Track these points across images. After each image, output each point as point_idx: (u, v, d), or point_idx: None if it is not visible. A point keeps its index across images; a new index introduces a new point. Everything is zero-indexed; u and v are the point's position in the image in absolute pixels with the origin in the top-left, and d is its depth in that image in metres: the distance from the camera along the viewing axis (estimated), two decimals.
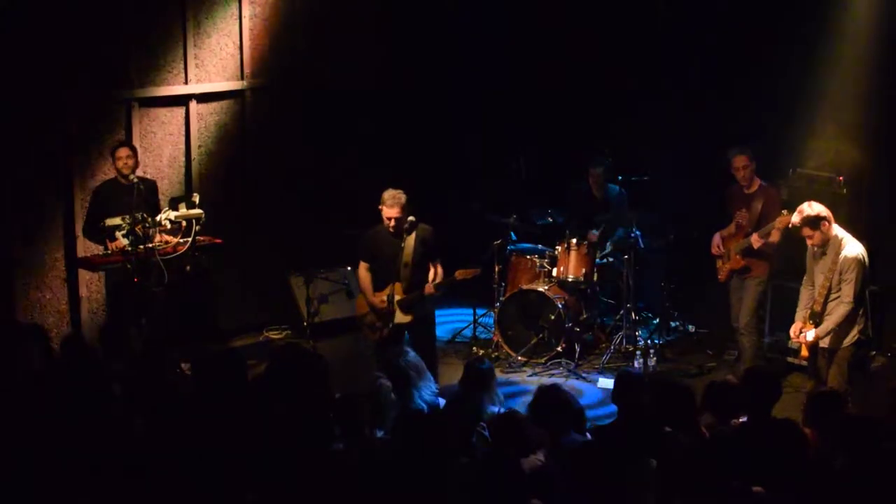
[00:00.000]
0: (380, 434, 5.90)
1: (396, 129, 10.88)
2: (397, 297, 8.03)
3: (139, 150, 9.04)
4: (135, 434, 5.41)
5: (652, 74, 10.60)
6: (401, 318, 8.08)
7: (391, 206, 7.96)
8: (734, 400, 5.83)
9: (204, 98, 9.84)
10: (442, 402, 6.61)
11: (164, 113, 9.63)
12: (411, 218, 7.99)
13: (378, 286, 8.17)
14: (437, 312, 8.92)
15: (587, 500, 4.82)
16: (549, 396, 5.76)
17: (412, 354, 6.67)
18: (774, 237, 8.53)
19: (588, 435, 5.82)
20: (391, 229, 8.01)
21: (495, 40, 11.09)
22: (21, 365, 6.00)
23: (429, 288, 8.08)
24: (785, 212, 8.30)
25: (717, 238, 8.98)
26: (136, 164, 8.76)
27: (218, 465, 5.09)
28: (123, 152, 8.67)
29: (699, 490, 4.77)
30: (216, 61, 9.87)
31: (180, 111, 9.73)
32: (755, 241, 8.60)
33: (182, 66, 9.66)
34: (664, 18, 10.58)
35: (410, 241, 8.04)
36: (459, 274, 8.17)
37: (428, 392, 6.49)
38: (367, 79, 10.74)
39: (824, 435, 5.48)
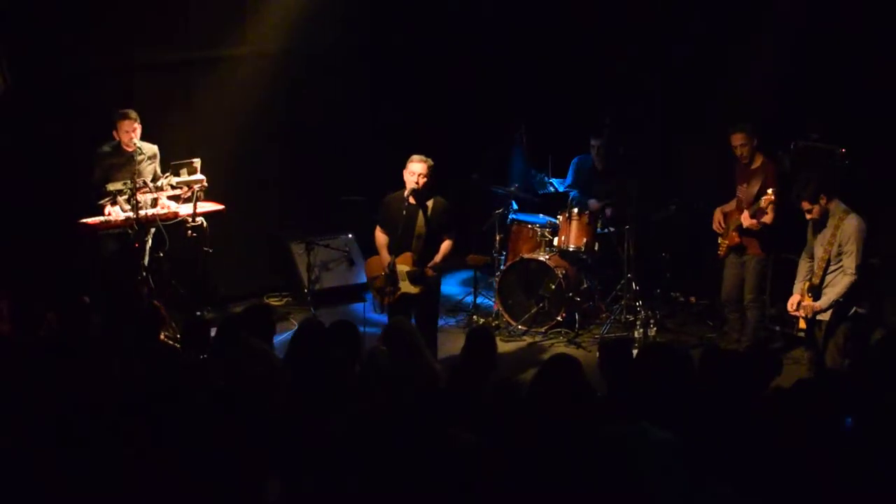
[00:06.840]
0: None
1: (396, 97, 10.86)
2: (407, 268, 8.02)
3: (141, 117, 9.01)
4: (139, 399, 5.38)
5: (654, 41, 10.52)
6: (408, 288, 8.03)
7: (419, 161, 7.91)
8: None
9: (206, 63, 9.82)
10: None
11: (165, 79, 9.60)
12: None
13: (393, 253, 8.06)
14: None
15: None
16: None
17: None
18: (766, 217, 8.42)
19: None
20: (415, 185, 7.86)
21: (495, 6, 11.02)
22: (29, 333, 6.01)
23: (428, 271, 8.03)
24: (770, 191, 8.26)
25: (717, 214, 8.86)
26: (140, 133, 8.72)
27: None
28: (128, 125, 8.62)
29: None
30: (217, 26, 9.84)
31: (182, 77, 9.72)
32: (745, 219, 8.52)
33: (184, 31, 9.63)
34: None
35: (425, 211, 7.97)
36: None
37: None
38: (364, 45, 10.72)
39: None
